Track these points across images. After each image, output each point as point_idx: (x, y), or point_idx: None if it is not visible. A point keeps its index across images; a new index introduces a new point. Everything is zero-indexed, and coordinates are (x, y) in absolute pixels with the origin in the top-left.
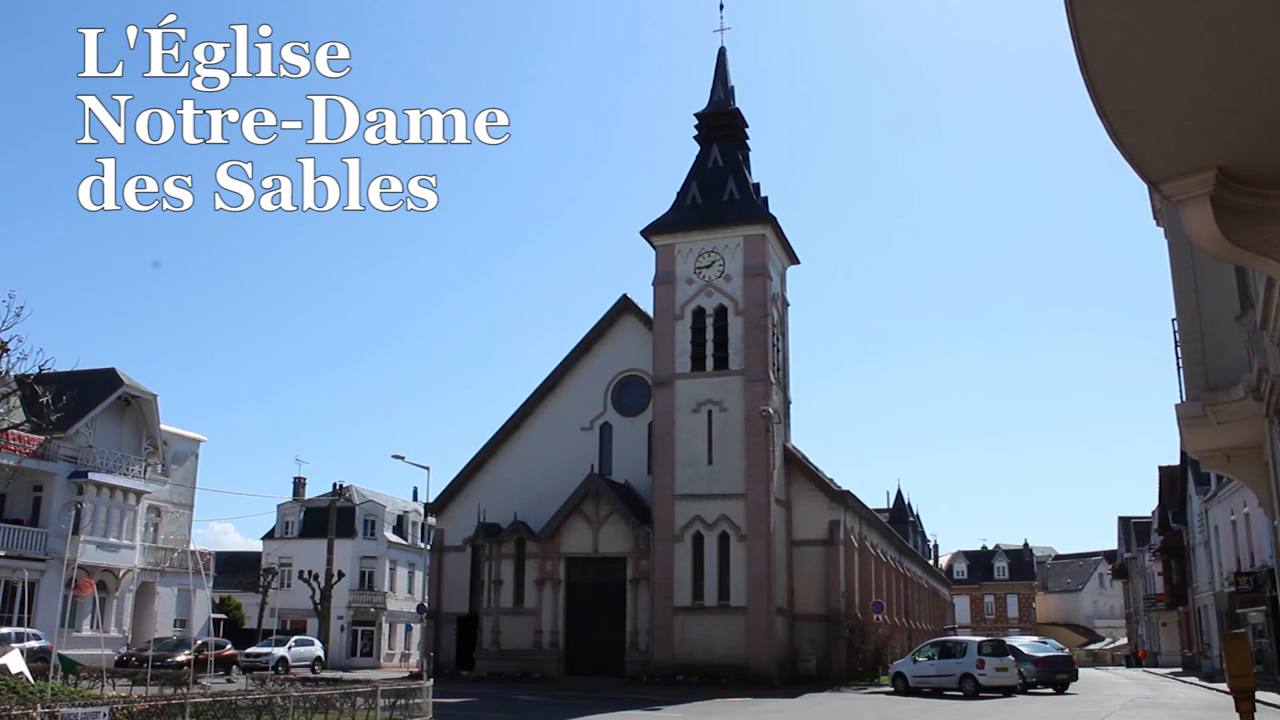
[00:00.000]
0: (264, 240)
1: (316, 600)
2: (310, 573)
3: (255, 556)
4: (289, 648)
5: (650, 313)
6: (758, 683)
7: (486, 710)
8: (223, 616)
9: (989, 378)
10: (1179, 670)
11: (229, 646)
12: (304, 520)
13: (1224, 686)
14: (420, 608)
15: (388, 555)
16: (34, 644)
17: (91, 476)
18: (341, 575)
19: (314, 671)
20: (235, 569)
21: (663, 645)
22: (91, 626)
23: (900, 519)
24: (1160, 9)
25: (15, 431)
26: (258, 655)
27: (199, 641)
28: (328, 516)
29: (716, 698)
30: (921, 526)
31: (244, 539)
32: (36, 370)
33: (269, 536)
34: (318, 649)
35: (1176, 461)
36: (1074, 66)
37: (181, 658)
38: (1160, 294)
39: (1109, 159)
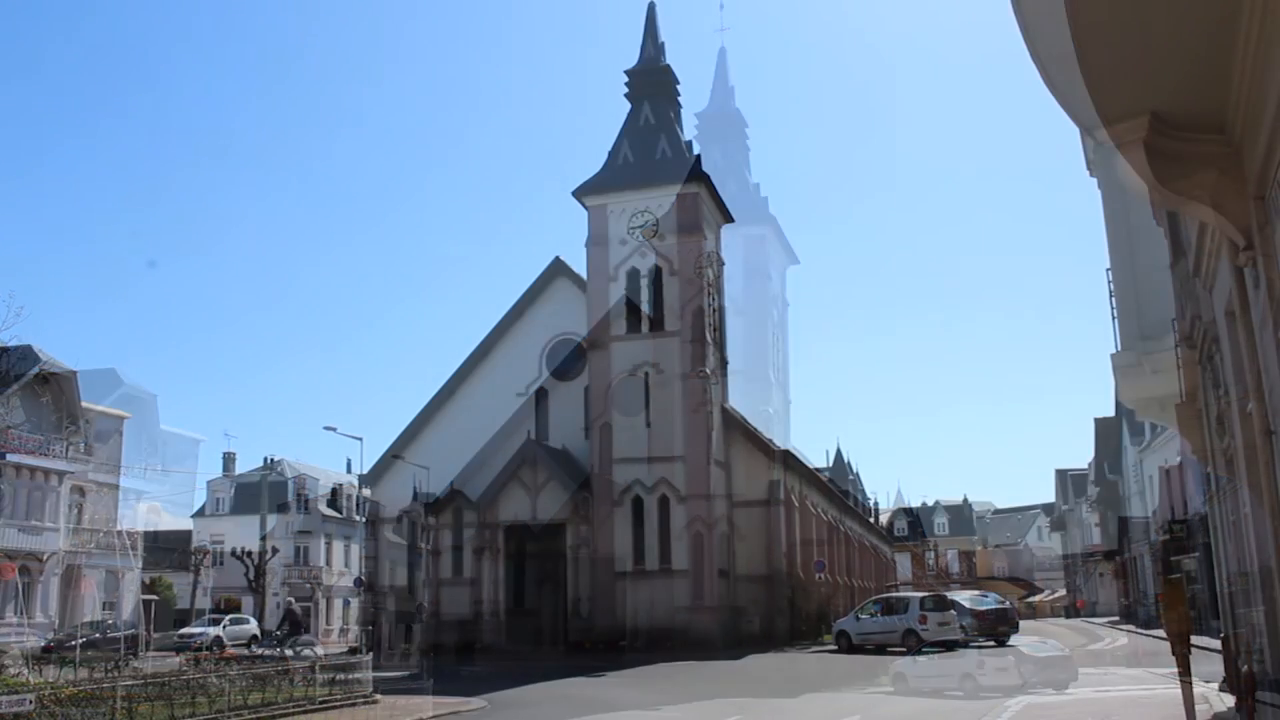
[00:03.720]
0: None
1: (250, 578)
2: (243, 550)
3: (186, 535)
4: (223, 627)
5: (584, 275)
6: (701, 645)
7: (426, 682)
8: (154, 598)
9: (924, 335)
10: (1116, 619)
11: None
12: (235, 496)
13: (1161, 633)
14: (357, 581)
15: (323, 529)
16: None
17: (9, 458)
18: (276, 551)
19: (249, 650)
20: (166, 548)
21: (605, 611)
22: (15, 613)
23: (840, 478)
24: None
25: None
26: (191, 635)
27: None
28: (259, 491)
29: (659, 662)
30: (862, 485)
31: (174, 517)
32: None
33: (199, 514)
34: (253, 627)
35: (1112, 413)
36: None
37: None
38: (1095, 245)
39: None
